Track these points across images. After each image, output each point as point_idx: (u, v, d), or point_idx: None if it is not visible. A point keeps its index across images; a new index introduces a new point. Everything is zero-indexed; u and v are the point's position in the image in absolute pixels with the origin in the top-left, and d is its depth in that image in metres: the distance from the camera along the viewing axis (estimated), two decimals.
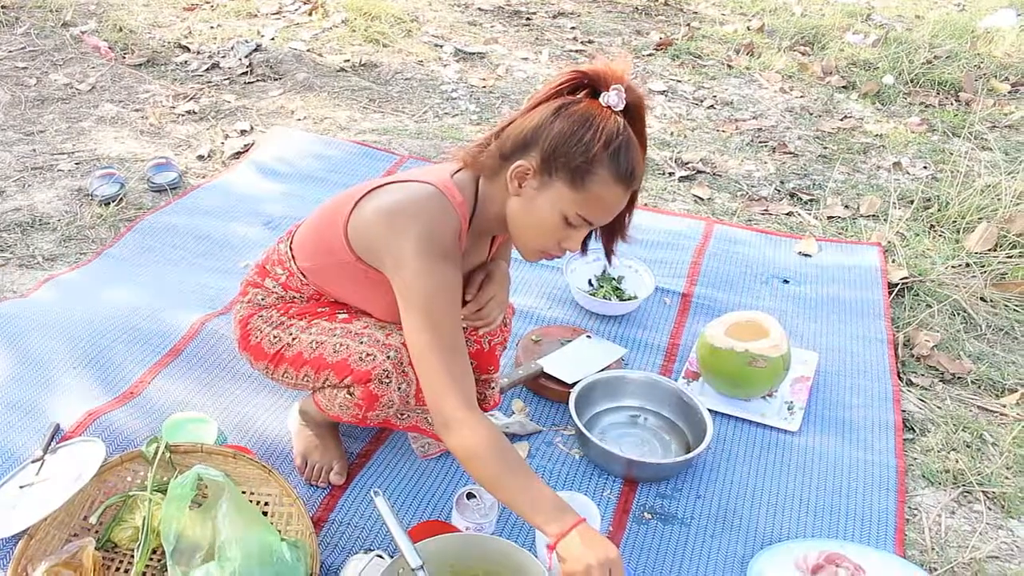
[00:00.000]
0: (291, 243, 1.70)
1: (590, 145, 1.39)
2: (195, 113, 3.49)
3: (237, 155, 3.20)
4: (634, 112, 1.45)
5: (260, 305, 1.72)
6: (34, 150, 3.12)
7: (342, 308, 1.68)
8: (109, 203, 2.80)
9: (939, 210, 3.05)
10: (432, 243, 1.44)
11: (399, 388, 1.60)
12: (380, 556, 1.55)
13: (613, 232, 1.59)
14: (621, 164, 1.41)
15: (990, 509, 1.91)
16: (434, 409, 1.44)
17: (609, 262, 1.63)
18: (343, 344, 1.60)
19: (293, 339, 1.65)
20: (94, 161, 3.07)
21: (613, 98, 1.42)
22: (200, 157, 3.18)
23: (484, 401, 1.91)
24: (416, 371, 1.47)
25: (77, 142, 3.21)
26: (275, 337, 1.67)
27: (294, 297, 1.70)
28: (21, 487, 1.66)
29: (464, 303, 1.68)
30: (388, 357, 1.57)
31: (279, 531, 1.58)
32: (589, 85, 1.46)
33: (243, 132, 3.37)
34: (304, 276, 1.67)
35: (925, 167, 3.45)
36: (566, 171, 1.42)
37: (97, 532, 1.63)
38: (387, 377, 1.58)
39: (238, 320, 1.74)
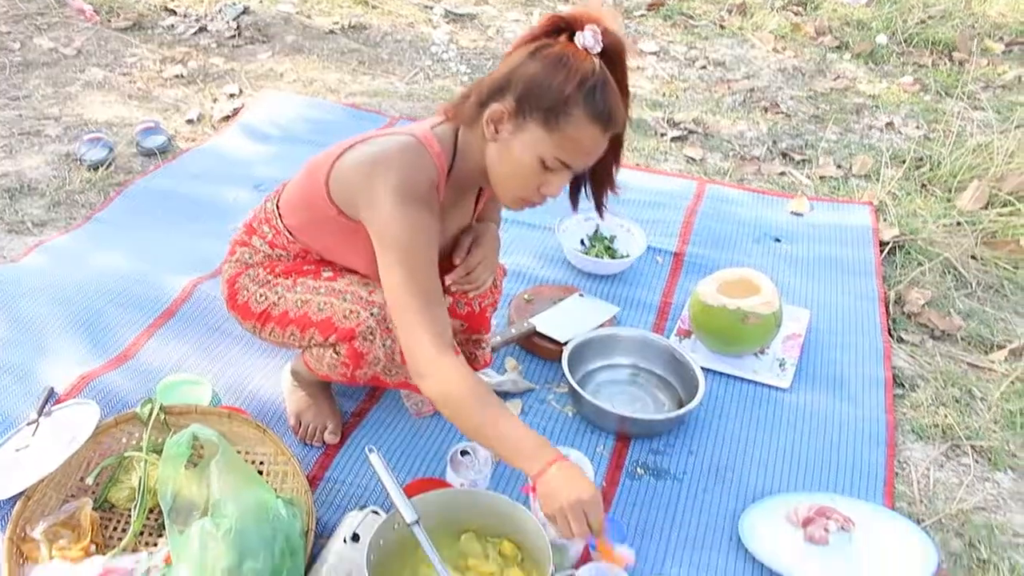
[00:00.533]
0: (278, 201, 1.70)
1: (564, 85, 1.37)
2: (183, 77, 3.46)
3: (226, 118, 3.18)
4: (613, 56, 1.42)
5: (247, 264, 1.72)
6: (20, 115, 3.09)
7: (327, 266, 1.68)
8: (98, 168, 2.78)
9: (931, 169, 3.05)
10: (408, 189, 1.44)
11: (384, 344, 1.60)
12: (375, 512, 1.57)
13: (601, 183, 1.58)
14: (597, 104, 1.39)
15: (977, 462, 1.93)
16: (408, 353, 1.43)
17: (600, 215, 1.63)
18: (327, 303, 1.60)
19: (279, 298, 1.65)
20: (82, 126, 3.05)
21: (588, 39, 1.38)
22: (189, 121, 3.15)
23: (475, 361, 1.91)
24: (391, 315, 1.47)
25: (64, 107, 3.18)
26: (261, 296, 1.67)
27: (280, 255, 1.70)
28: (17, 450, 1.66)
29: (452, 267, 1.68)
30: (372, 314, 1.57)
31: (274, 489, 1.59)
32: (567, 28, 1.43)
33: (232, 96, 3.34)
34: (290, 234, 1.66)
35: (918, 127, 3.45)
36: (540, 112, 1.40)
37: (94, 493, 1.64)
38: (371, 334, 1.58)
39: (226, 279, 1.74)
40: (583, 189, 1.60)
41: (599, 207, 1.62)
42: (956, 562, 1.69)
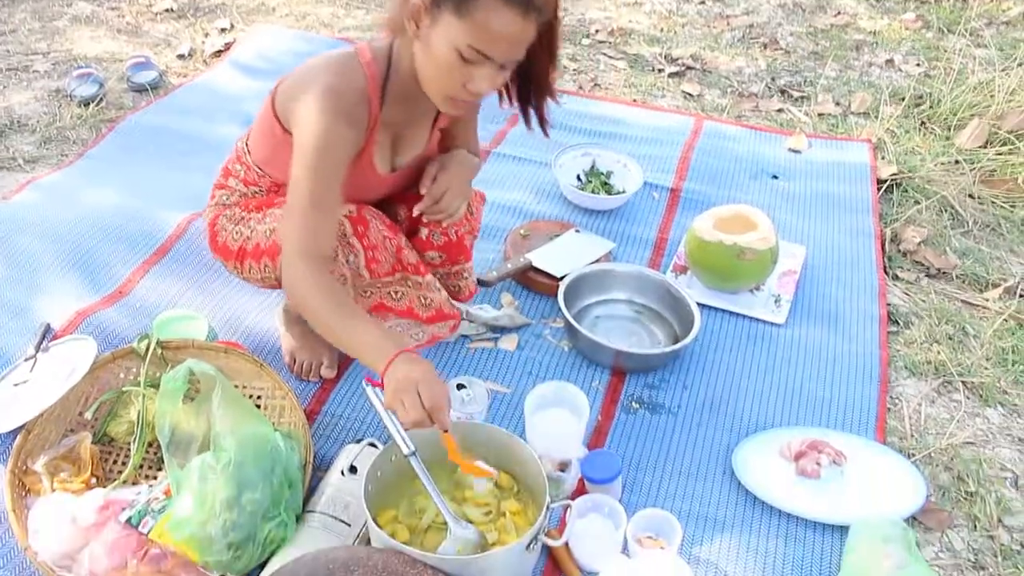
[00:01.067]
0: (247, 139, 1.70)
1: None
2: (173, 11, 3.39)
3: (218, 53, 3.13)
4: None
5: (225, 205, 1.73)
6: (7, 50, 3.04)
7: None
8: (88, 104, 2.74)
9: (931, 107, 3.02)
10: (330, 99, 1.43)
11: (348, 260, 1.58)
12: (372, 445, 1.58)
13: (539, 88, 1.55)
14: None
15: (968, 398, 1.95)
16: (284, 246, 1.44)
17: (544, 132, 1.59)
18: None
19: (251, 231, 1.66)
20: (71, 61, 3.00)
21: None
22: (180, 56, 3.10)
23: (459, 293, 1.90)
24: (285, 214, 1.47)
25: (52, 42, 3.12)
26: (237, 233, 1.67)
27: (255, 192, 1.70)
28: (15, 385, 1.67)
29: (420, 197, 1.66)
30: None
31: (272, 423, 1.60)
32: None
33: (223, 30, 3.28)
34: (260, 169, 1.67)
35: (918, 64, 3.40)
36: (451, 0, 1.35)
37: (93, 427, 1.65)
38: (332, 251, 1.57)
39: (207, 223, 1.75)
40: (531, 103, 1.57)
41: (540, 119, 1.59)
42: (944, 495, 1.72)
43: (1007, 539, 1.65)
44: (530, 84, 1.55)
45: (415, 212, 1.67)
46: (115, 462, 1.64)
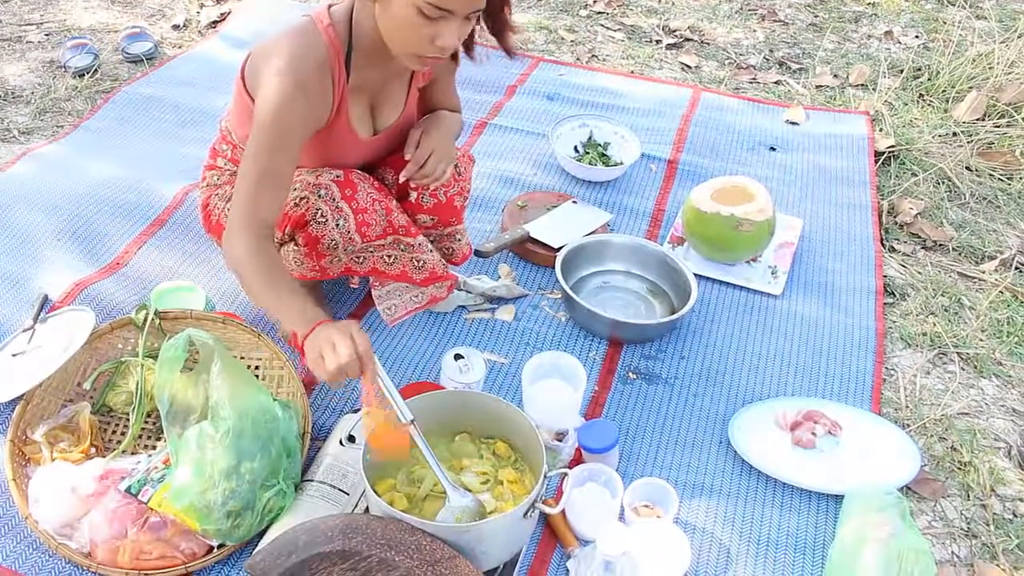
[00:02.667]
0: (227, 118, 1.70)
1: None
2: None
3: (213, 24, 3.10)
4: None
5: (216, 185, 1.73)
6: (0, 21, 3.01)
7: None
8: (83, 75, 2.72)
9: (929, 79, 3.01)
10: (289, 72, 1.43)
11: (337, 224, 1.58)
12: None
13: (499, 29, 1.53)
14: None
15: (963, 369, 1.96)
16: (228, 222, 1.46)
17: (510, 55, 1.58)
18: None
19: None
20: (65, 32, 2.98)
21: None
22: (175, 27, 3.08)
23: (452, 255, 1.90)
24: (236, 184, 1.48)
25: (45, 12, 3.10)
26: (228, 211, 1.66)
27: None
28: (14, 355, 1.67)
29: (406, 163, 1.66)
30: (319, 196, 1.57)
31: (271, 393, 1.61)
32: None
33: (219, 0, 3.25)
34: (244, 145, 1.65)
35: (917, 36, 3.39)
36: None
37: (92, 397, 1.65)
38: (322, 216, 1.57)
39: (200, 204, 1.74)
40: (474, 38, 1.56)
41: (507, 49, 1.57)
42: (938, 465, 1.73)
43: (999, 508, 1.67)
44: (488, 23, 1.52)
45: (401, 178, 1.67)
46: (114, 432, 1.64)
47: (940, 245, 2.31)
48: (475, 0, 1.39)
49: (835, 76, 3.08)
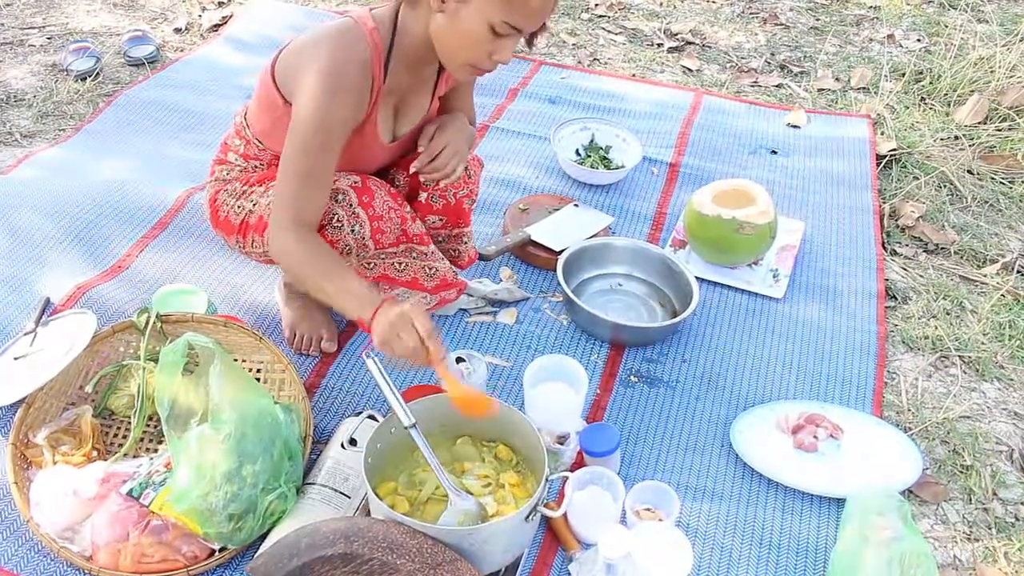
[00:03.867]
0: (246, 113, 1.69)
1: None
2: None
3: (215, 27, 3.11)
4: None
5: (225, 180, 1.72)
6: (2, 24, 3.02)
7: None
8: (85, 78, 2.73)
9: (931, 83, 3.01)
10: (332, 73, 1.43)
11: (352, 230, 1.58)
12: (372, 418, 1.59)
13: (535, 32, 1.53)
14: None
15: (965, 373, 1.96)
16: (273, 213, 1.48)
17: (529, 47, 1.58)
18: None
19: (254, 205, 1.65)
20: (67, 35, 2.98)
21: None
22: (177, 30, 3.09)
23: (459, 257, 1.90)
24: (277, 183, 1.50)
25: (47, 15, 3.10)
26: (239, 207, 1.67)
27: (256, 166, 1.70)
28: (16, 358, 1.67)
29: (415, 156, 1.66)
30: (336, 201, 1.56)
31: (272, 396, 1.61)
32: None
33: (221, 4, 3.26)
34: (260, 141, 1.66)
35: (919, 40, 3.39)
36: None
37: (93, 400, 1.66)
38: (338, 221, 1.57)
39: (208, 200, 1.74)
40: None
41: (530, 43, 1.57)
42: (940, 468, 1.73)
43: (1001, 511, 1.67)
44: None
45: (412, 168, 1.66)
46: (116, 435, 1.65)
47: (942, 248, 2.31)
48: (543, 18, 1.42)
49: (837, 79, 3.08)
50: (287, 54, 1.54)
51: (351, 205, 1.57)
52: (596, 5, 3.48)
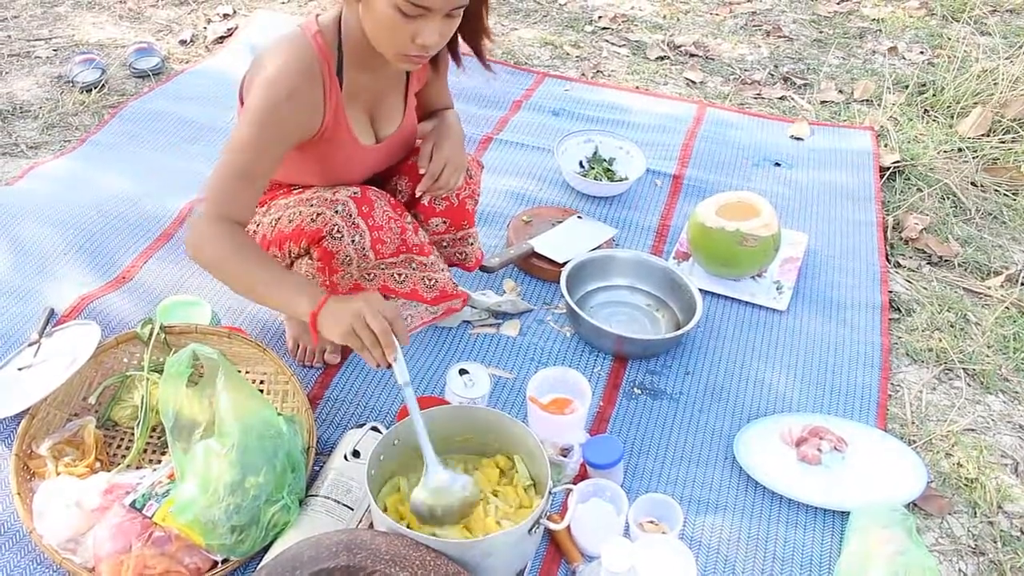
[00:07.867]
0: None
1: None
2: None
3: (220, 40, 3.12)
4: None
5: None
6: (9, 36, 3.03)
7: (296, 186, 1.69)
8: (91, 90, 2.74)
9: (934, 95, 3.01)
10: (274, 83, 1.44)
11: (353, 241, 1.58)
12: (375, 429, 1.59)
13: (474, 32, 1.54)
14: None
15: (969, 385, 1.95)
16: (203, 207, 1.45)
17: (485, 67, 1.58)
18: (296, 212, 1.60)
19: (256, 225, 1.66)
20: (73, 47, 3.00)
21: None
22: (182, 42, 3.10)
23: (466, 259, 1.91)
24: (210, 176, 1.48)
25: (54, 28, 3.12)
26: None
27: None
28: (19, 369, 1.68)
29: (420, 177, 1.67)
30: (336, 212, 1.56)
31: (275, 407, 1.61)
32: None
33: (226, 16, 3.28)
34: None
35: (922, 52, 3.39)
36: None
37: (97, 411, 1.66)
38: (338, 232, 1.57)
39: None
40: (458, 40, 1.57)
41: (480, 57, 1.59)
42: (944, 481, 1.72)
43: (1007, 525, 1.66)
44: (465, 28, 1.52)
45: (417, 193, 1.68)
46: (119, 446, 1.65)
47: (946, 260, 2.31)
48: None
49: (840, 92, 3.09)
50: (249, 70, 1.56)
51: (351, 215, 1.57)
52: (599, 17, 3.50)
